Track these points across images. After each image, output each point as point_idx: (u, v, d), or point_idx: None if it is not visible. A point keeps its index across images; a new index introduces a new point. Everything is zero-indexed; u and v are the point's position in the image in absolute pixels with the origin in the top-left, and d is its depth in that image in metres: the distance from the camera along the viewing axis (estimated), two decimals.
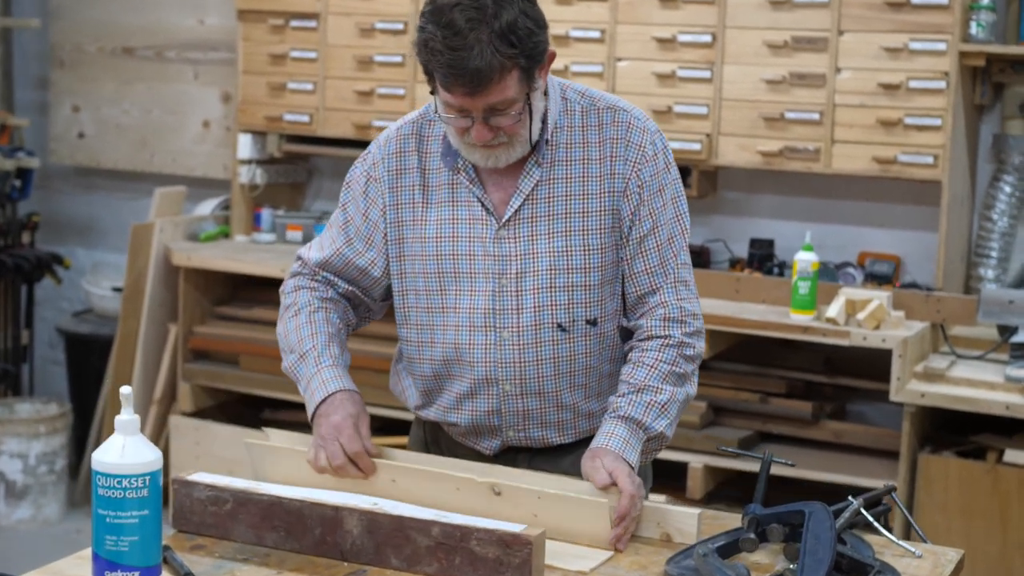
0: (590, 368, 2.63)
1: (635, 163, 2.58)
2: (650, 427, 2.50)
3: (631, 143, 2.58)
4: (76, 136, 6.43)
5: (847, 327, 4.41)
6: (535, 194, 2.57)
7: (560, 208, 2.57)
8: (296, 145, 5.64)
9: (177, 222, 5.69)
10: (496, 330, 2.59)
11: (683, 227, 2.64)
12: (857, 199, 5.06)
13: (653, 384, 2.53)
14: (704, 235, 5.24)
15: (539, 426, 2.65)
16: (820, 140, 4.70)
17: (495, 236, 2.58)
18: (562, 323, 2.59)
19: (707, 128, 4.84)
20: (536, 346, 2.59)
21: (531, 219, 2.58)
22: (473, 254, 2.59)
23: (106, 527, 2.11)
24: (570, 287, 2.58)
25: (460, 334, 2.61)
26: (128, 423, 2.13)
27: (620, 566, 2.29)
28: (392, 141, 2.67)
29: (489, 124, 2.44)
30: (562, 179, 2.58)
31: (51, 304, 6.70)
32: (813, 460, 4.60)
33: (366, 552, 2.28)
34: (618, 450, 2.45)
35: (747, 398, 4.78)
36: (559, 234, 2.57)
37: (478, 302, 2.60)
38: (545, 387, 2.61)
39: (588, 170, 2.58)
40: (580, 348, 2.61)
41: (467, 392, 2.64)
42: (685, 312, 2.60)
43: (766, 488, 2.39)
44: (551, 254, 2.57)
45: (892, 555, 2.34)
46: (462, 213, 2.60)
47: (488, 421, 2.65)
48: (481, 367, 2.61)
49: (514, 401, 2.62)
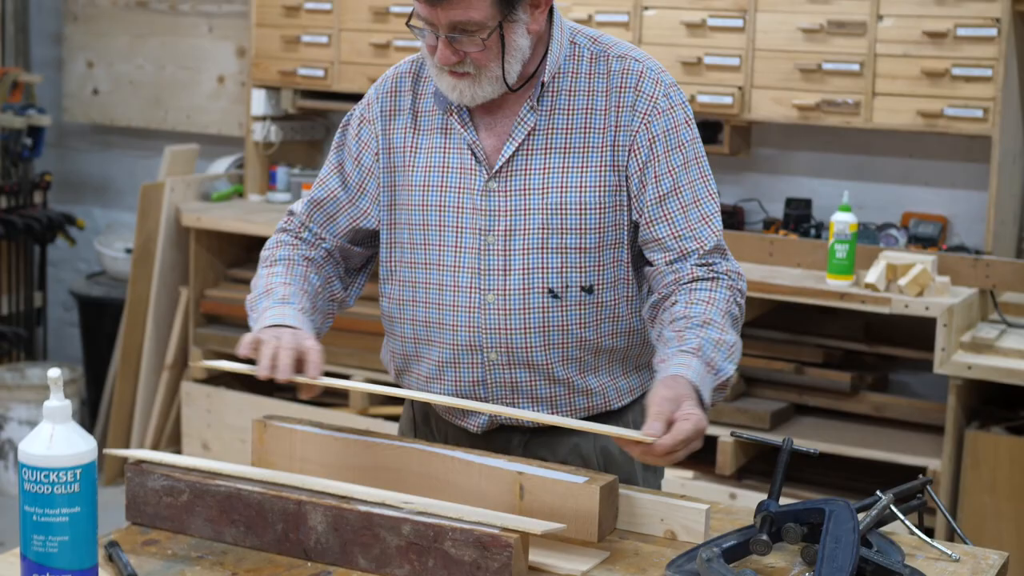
0: (585, 341, 2.38)
1: (645, 115, 2.33)
2: (721, 369, 2.20)
3: (642, 93, 2.34)
4: (90, 93, 6.25)
5: (887, 293, 4.17)
6: (530, 143, 2.35)
7: (556, 161, 2.34)
8: (311, 101, 5.44)
9: (189, 181, 5.49)
10: (481, 292, 2.36)
11: (711, 190, 2.37)
12: (900, 156, 4.81)
13: (716, 320, 2.23)
14: (737, 194, 5.01)
15: (529, 401, 2.41)
16: (860, 93, 4.44)
17: (483, 188, 2.36)
18: (554, 288, 2.35)
19: (739, 80, 4.60)
20: (524, 312, 2.35)
21: (524, 171, 2.34)
22: (461, 206, 2.37)
23: (33, 526, 1.88)
24: (563, 249, 2.34)
25: (444, 294, 2.39)
26: (57, 409, 1.90)
27: (616, 569, 2.05)
28: (388, 80, 2.48)
29: (453, 46, 2.25)
30: (562, 129, 2.34)
31: (68, 265, 6.54)
32: (851, 435, 4.40)
33: (331, 551, 2.05)
34: (696, 383, 2.13)
35: (781, 368, 4.56)
36: (554, 190, 2.33)
37: (464, 260, 2.37)
38: (534, 358, 2.37)
39: (591, 121, 2.34)
40: (573, 318, 2.36)
41: (449, 360, 2.41)
42: (729, 269, 2.34)
43: (783, 480, 2.13)
44: (544, 211, 2.33)
45: (925, 558, 2.08)
46: (452, 160, 2.38)
47: (473, 393, 2.41)
48: (464, 332, 2.38)
49: (500, 371, 2.38)
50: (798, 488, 4.30)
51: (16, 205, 5.85)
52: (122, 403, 5.55)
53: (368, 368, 4.97)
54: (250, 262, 5.53)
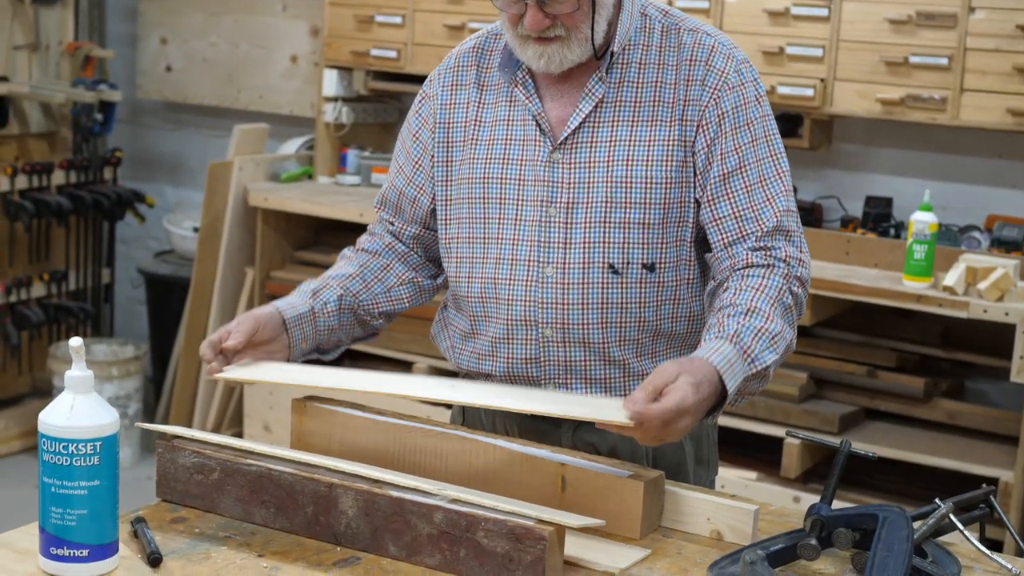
0: (644, 321, 2.29)
1: (715, 90, 2.25)
2: (758, 358, 2.09)
3: (712, 68, 2.26)
4: (163, 70, 6.22)
5: (966, 297, 4.03)
6: (597, 115, 2.28)
7: (624, 134, 2.26)
8: (384, 82, 5.35)
9: (258, 161, 5.44)
10: (539, 265, 2.29)
11: (780, 169, 2.27)
12: (988, 156, 4.65)
13: (762, 308, 2.13)
14: (816, 191, 4.87)
15: (583, 381, 2.31)
16: (948, 88, 4.29)
17: (547, 159, 2.29)
18: (615, 264, 2.26)
19: (822, 72, 4.46)
20: (583, 288, 2.27)
21: (590, 144, 2.27)
22: (523, 179, 2.30)
23: (52, 498, 1.83)
24: (626, 224, 2.25)
25: (501, 267, 2.32)
26: (79, 379, 1.85)
27: (656, 567, 1.95)
28: (452, 57, 2.45)
29: (544, 9, 2.20)
30: (630, 102, 2.27)
31: (138, 243, 6.52)
32: (922, 442, 4.27)
33: (361, 537, 1.96)
34: (720, 367, 2.03)
35: (853, 370, 4.44)
36: (619, 162, 2.25)
37: (523, 232, 2.30)
38: (591, 336, 2.28)
39: (660, 95, 2.27)
40: (633, 296, 2.27)
41: (503, 336, 2.33)
42: (789, 254, 2.23)
43: (837, 483, 2.01)
44: (608, 184, 2.25)
45: (984, 571, 1.96)
46: (516, 133, 2.32)
47: (525, 371, 2.33)
48: (519, 305, 2.30)
49: (555, 349, 2.30)
50: (861, 492, 4.18)
51: (86, 180, 5.82)
52: (186, 382, 5.51)
53: (429, 355, 4.89)
54: (317, 244, 5.48)
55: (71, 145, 5.86)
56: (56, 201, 5.60)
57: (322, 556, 1.94)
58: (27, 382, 5.92)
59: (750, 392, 2.13)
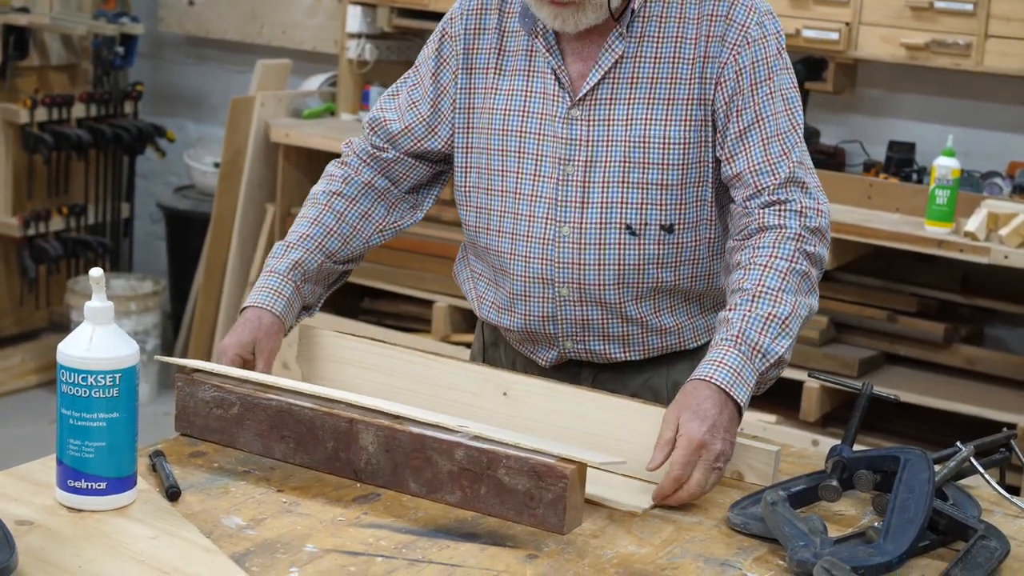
0: (661, 281, 2.27)
1: (734, 45, 2.21)
2: (770, 350, 2.06)
3: (733, 21, 2.21)
4: (186, 3, 6.18)
5: (987, 243, 4.01)
6: (617, 72, 2.23)
7: (643, 92, 2.22)
8: (407, 19, 5.31)
9: (280, 97, 5.41)
10: (556, 224, 2.26)
11: (795, 122, 2.24)
12: (1011, 102, 4.61)
13: (771, 289, 2.09)
14: (839, 135, 4.84)
15: (600, 339, 2.31)
16: (972, 34, 4.25)
17: (565, 116, 2.25)
18: (632, 225, 2.23)
19: (847, 16, 4.42)
20: (600, 248, 2.25)
21: (608, 101, 2.23)
22: (542, 133, 2.27)
23: (70, 429, 1.82)
24: (645, 184, 2.22)
25: (519, 223, 2.29)
26: (99, 310, 1.83)
27: (677, 507, 1.95)
28: None
29: None
30: (650, 58, 2.23)
31: (158, 178, 6.51)
32: (941, 387, 4.26)
33: (381, 473, 1.96)
34: (725, 385, 2.01)
35: (873, 315, 4.43)
36: (638, 121, 2.22)
37: (542, 189, 2.27)
38: (607, 296, 2.27)
39: (681, 51, 2.22)
40: (651, 256, 2.25)
41: (520, 292, 2.32)
42: (805, 205, 2.19)
43: (859, 426, 2.01)
44: (627, 144, 2.22)
45: (1004, 515, 1.96)
46: (536, 85, 2.28)
47: (543, 328, 2.32)
48: (536, 264, 2.28)
49: (572, 308, 2.29)
50: (880, 437, 4.18)
51: (106, 114, 5.80)
52: (205, 318, 5.52)
53: (451, 294, 4.88)
54: None
55: (91, 78, 5.83)
56: (76, 134, 5.59)
57: (342, 492, 1.94)
58: (44, 317, 5.93)
59: (770, 379, 2.11)
